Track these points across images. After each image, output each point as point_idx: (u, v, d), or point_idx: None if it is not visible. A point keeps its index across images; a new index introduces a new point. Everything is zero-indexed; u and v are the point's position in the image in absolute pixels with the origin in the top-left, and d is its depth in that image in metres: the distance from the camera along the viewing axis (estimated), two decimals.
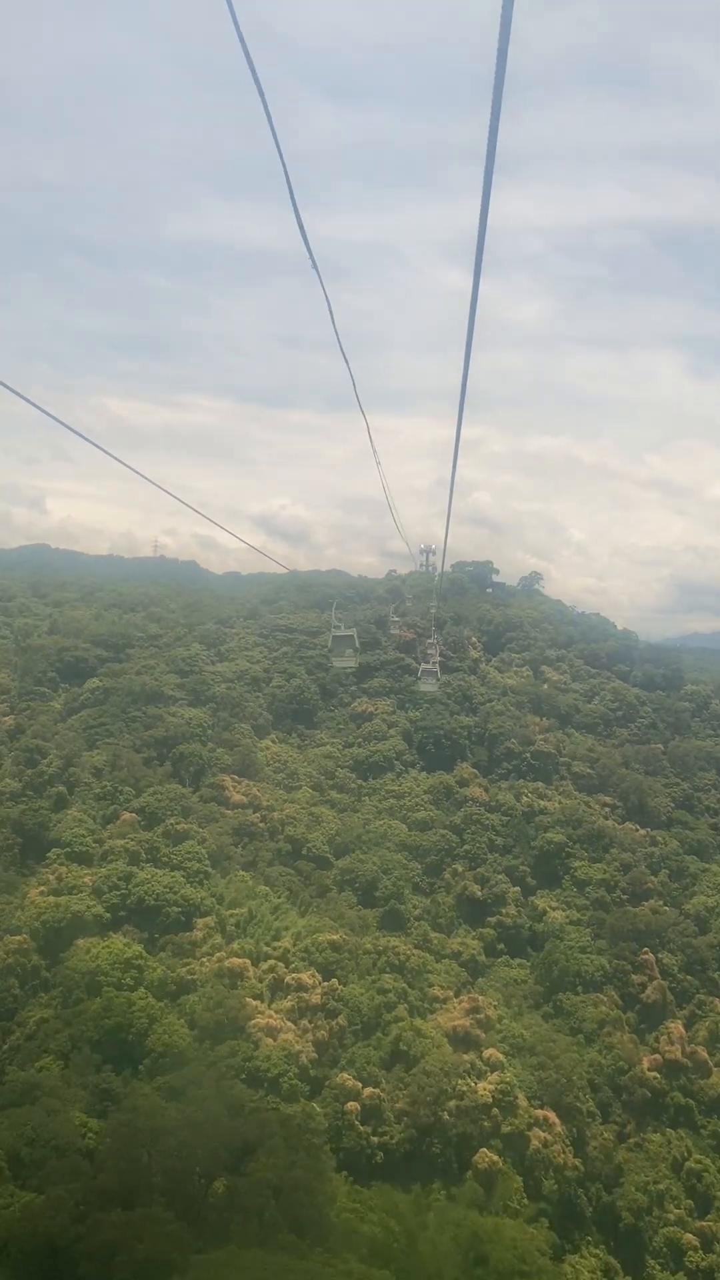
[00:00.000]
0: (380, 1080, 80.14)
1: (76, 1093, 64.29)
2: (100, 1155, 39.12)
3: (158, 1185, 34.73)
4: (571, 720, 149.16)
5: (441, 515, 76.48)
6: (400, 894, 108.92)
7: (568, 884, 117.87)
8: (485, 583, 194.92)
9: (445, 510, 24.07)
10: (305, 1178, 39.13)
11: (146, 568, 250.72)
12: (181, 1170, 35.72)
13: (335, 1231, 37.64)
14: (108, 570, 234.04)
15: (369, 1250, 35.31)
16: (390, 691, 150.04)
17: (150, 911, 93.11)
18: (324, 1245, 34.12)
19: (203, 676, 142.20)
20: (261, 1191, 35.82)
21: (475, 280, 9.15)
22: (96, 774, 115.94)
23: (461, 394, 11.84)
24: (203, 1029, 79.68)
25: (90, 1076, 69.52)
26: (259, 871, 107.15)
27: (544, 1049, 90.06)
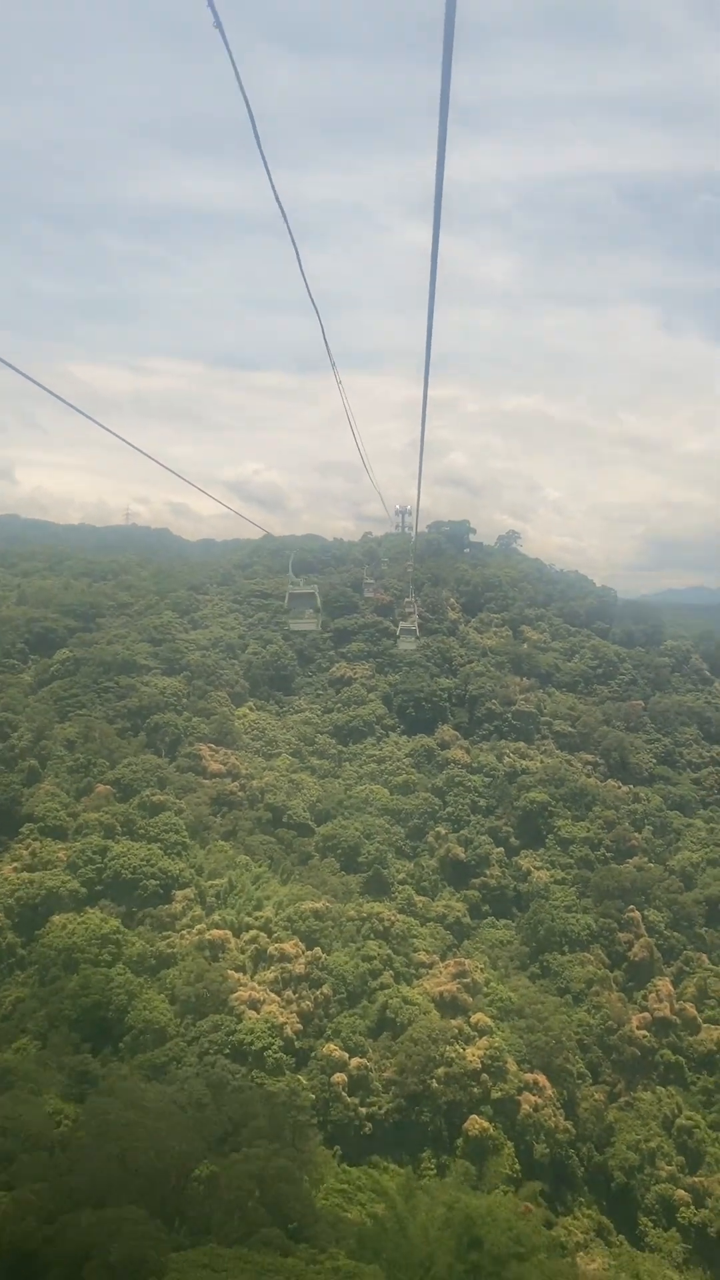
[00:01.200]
0: (367, 1050, 78.66)
1: (53, 1076, 62.14)
2: (72, 1149, 37.10)
3: (133, 1180, 32.73)
4: (552, 679, 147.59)
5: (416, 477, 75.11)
6: (383, 859, 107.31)
7: (551, 843, 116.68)
8: (462, 543, 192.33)
9: (417, 485, 23.22)
10: (289, 1167, 37.26)
11: (119, 536, 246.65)
12: (158, 1164, 33.75)
13: (322, 1221, 35.87)
14: (79, 539, 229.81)
15: (357, 1241, 33.57)
16: (369, 655, 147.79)
17: (127, 885, 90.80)
18: (309, 1238, 32.40)
19: (176, 645, 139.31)
20: (244, 1183, 33.90)
21: (435, 233, 8.84)
22: (69, 746, 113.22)
23: (427, 350, 11.47)
24: (184, 1004, 77.70)
25: (68, 1057, 67.43)
26: (239, 841, 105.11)
27: (532, 1011, 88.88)
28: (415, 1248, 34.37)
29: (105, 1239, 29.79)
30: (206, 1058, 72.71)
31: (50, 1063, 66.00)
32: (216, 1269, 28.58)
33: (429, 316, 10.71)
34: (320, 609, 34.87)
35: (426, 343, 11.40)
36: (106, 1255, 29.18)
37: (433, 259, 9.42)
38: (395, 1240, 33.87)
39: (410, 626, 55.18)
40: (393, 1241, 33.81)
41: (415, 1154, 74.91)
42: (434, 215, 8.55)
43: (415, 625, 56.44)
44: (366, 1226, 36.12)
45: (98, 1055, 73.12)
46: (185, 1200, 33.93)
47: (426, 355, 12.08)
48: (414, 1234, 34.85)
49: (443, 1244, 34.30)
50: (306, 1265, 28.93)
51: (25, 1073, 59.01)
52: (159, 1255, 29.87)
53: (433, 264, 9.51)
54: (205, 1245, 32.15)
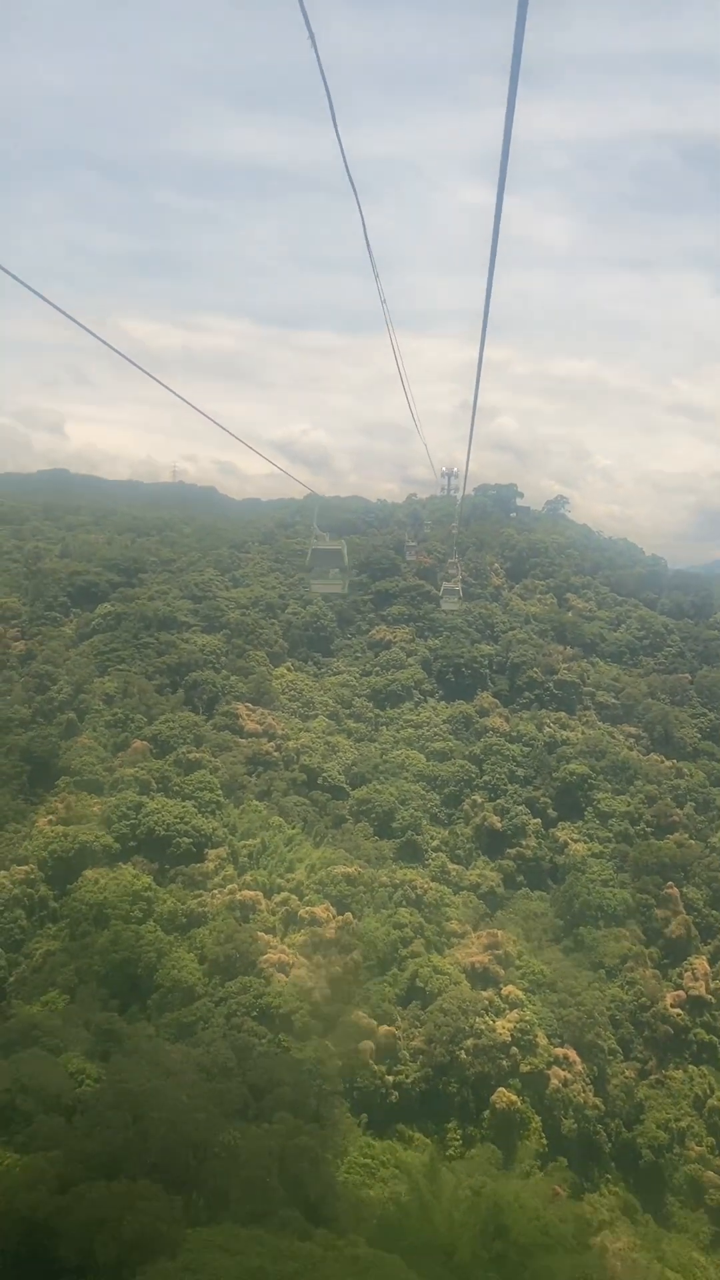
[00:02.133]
0: (396, 1018, 77.82)
1: (78, 1033, 61.91)
2: (90, 1114, 36.36)
3: (150, 1151, 31.87)
4: (596, 649, 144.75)
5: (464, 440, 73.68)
6: (418, 825, 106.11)
7: (590, 816, 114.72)
8: (509, 507, 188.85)
9: (468, 435, 22.12)
10: (311, 1145, 36.26)
11: (165, 493, 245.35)
12: (177, 1134, 32.86)
13: (343, 1201, 34.91)
14: (126, 495, 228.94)
15: (378, 1225, 32.50)
16: (409, 619, 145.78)
17: (160, 842, 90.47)
18: (329, 1220, 31.43)
19: (216, 602, 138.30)
20: (264, 1159, 32.94)
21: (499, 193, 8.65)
22: (107, 701, 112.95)
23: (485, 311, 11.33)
24: (213, 964, 77.34)
25: (94, 1015, 67.17)
26: (273, 801, 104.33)
27: (564, 985, 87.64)
28: (438, 1233, 33.17)
29: (118, 1212, 28.90)
30: (234, 1019, 72.21)
31: (76, 1019, 65.86)
32: (232, 1251, 27.51)
33: (489, 276, 10.59)
34: (347, 568, 31.65)
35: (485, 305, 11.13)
36: (118, 1231, 28.25)
37: (496, 219, 9.20)
38: (417, 1225, 32.69)
39: (454, 587, 54.07)
40: (415, 1227, 32.63)
41: (441, 1124, 74.26)
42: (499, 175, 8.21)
43: (459, 586, 55.39)
44: (388, 1210, 35.05)
45: (125, 1012, 73.05)
46: (203, 1172, 33.04)
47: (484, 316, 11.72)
48: (437, 1219, 33.69)
49: (467, 1230, 33.07)
50: (325, 1251, 27.81)
51: (50, 1028, 58.83)
52: (172, 1231, 28.87)
53: (495, 224, 9.31)
54: (222, 1221, 31.15)
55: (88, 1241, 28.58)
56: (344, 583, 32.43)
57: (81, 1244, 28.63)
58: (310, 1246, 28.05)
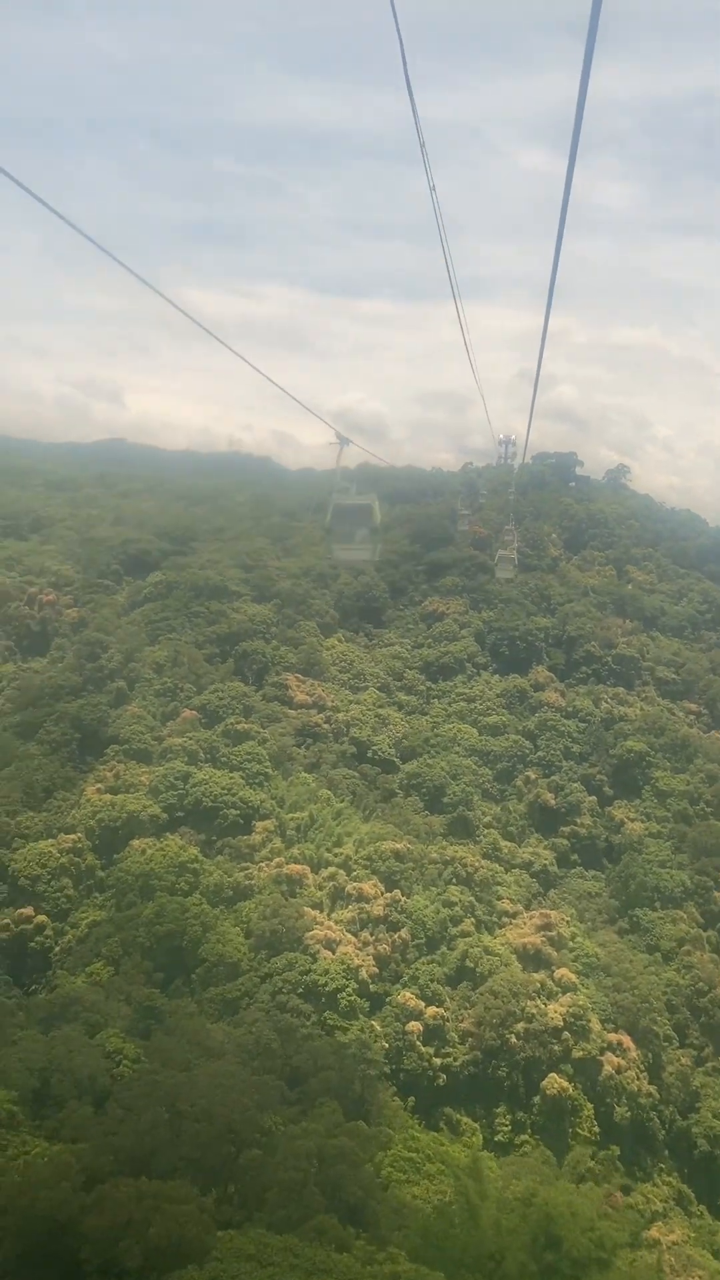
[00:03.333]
0: (444, 999, 75.99)
1: (119, 1008, 60.95)
2: (122, 1102, 34.96)
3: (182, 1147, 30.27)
4: (656, 623, 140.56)
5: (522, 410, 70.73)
6: (469, 800, 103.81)
7: (648, 795, 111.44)
8: (568, 476, 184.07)
9: (526, 404, 20.71)
10: (350, 1148, 34.41)
11: (221, 462, 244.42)
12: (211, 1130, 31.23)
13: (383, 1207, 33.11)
14: (183, 464, 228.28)
15: (420, 1234, 30.63)
16: (463, 590, 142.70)
17: (208, 813, 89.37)
18: (368, 1225, 29.67)
19: (267, 571, 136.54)
20: (301, 1161, 31.18)
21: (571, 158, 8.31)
22: (157, 670, 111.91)
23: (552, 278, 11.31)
24: (258, 938, 75.98)
25: (137, 990, 66.19)
26: (322, 774, 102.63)
27: (619, 969, 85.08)
28: (485, 1240, 31.04)
29: (145, 1214, 27.27)
30: (279, 996, 70.92)
31: (119, 993, 64.88)
32: (263, 1261, 25.72)
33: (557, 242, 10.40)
34: (379, 529, 24.54)
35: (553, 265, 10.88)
36: (144, 1234, 26.60)
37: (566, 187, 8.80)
38: (463, 1234, 30.67)
39: (509, 555, 51.92)
40: (460, 1236, 30.61)
41: (490, 1110, 72.55)
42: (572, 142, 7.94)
43: (514, 554, 53.12)
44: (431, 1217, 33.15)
45: (169, 986, 72.18)
46: (237, 1171, 31.44)
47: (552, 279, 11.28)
48: (484, 1225, 31.61)
49: (516, 1240, 30.91)
50: (363, 1266, 25.91)
51: (91, 1003, 57.86)
52: (201, 1236, 27.15)
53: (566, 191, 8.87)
54: (254, 1225, 29.40)
55: (112, 1244, 27.04)
56: (373, 548, 25.18)
57: (106, 1246, 27.09)
58: (347, 1260, 26.18)
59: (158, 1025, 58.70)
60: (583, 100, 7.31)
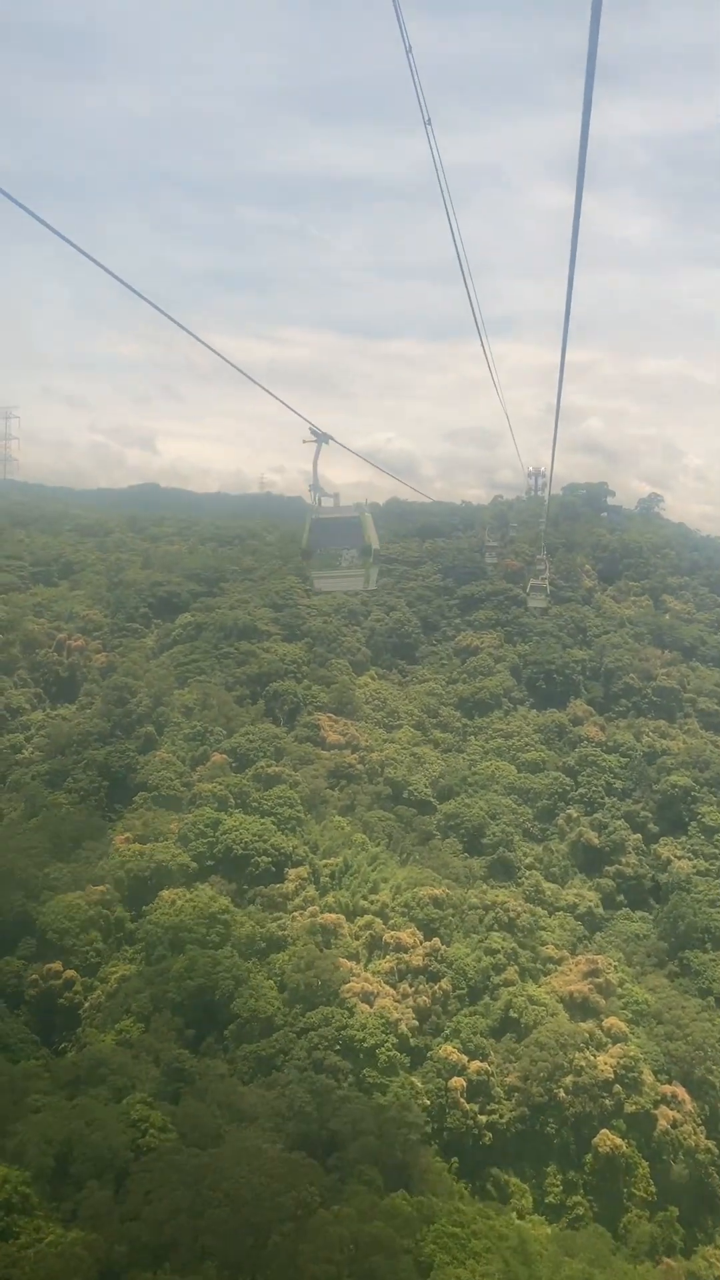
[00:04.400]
0: (488, 1052, 72.54)
1: (148, 1070, 58.37)
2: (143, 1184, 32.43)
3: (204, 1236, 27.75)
4: (696, 653, 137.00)
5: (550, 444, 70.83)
6: (509, 841, 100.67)
7: (694, 831, 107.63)
8: (600, 506, 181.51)
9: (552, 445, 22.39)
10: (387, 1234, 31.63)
11: (252, 504, 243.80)
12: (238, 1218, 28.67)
13: None
14: (214, 507, 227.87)
15: None
16: (497, 624, 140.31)
17: (239, 861, 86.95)
18: None
19: (298, 610, 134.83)
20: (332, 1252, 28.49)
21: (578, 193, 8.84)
22: (186, 713, 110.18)
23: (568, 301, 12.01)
24: (292, 991, 73.17)
25: (166, 1050, 63.51)
26: (356, 816, 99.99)
27: (670, 1016, 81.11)
28: None
29: None
30: (315, 1053, 67.97)
31: (148, 1052, 62.31)
32: None
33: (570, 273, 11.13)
34: (373, 550, 18.81)
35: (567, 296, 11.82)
36: None
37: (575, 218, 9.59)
38: None
39: (541, 584, 50.26)
40: None
41: (540, 1169, 68.89)
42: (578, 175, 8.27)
43: (546, 583, 51.49)
44: None
45: (201, 1044, 69.53)
46: (263, 1260, 28.85)
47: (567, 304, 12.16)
48: None
49: None
50: None
51: (119, 1065, 55.39)
52: None
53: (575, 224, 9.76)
54: None
55: None
56: (366, 574, 19.37)
57: None
58: None
59: (187, 1088, 56.05)
60: (585, 134, 7.55)
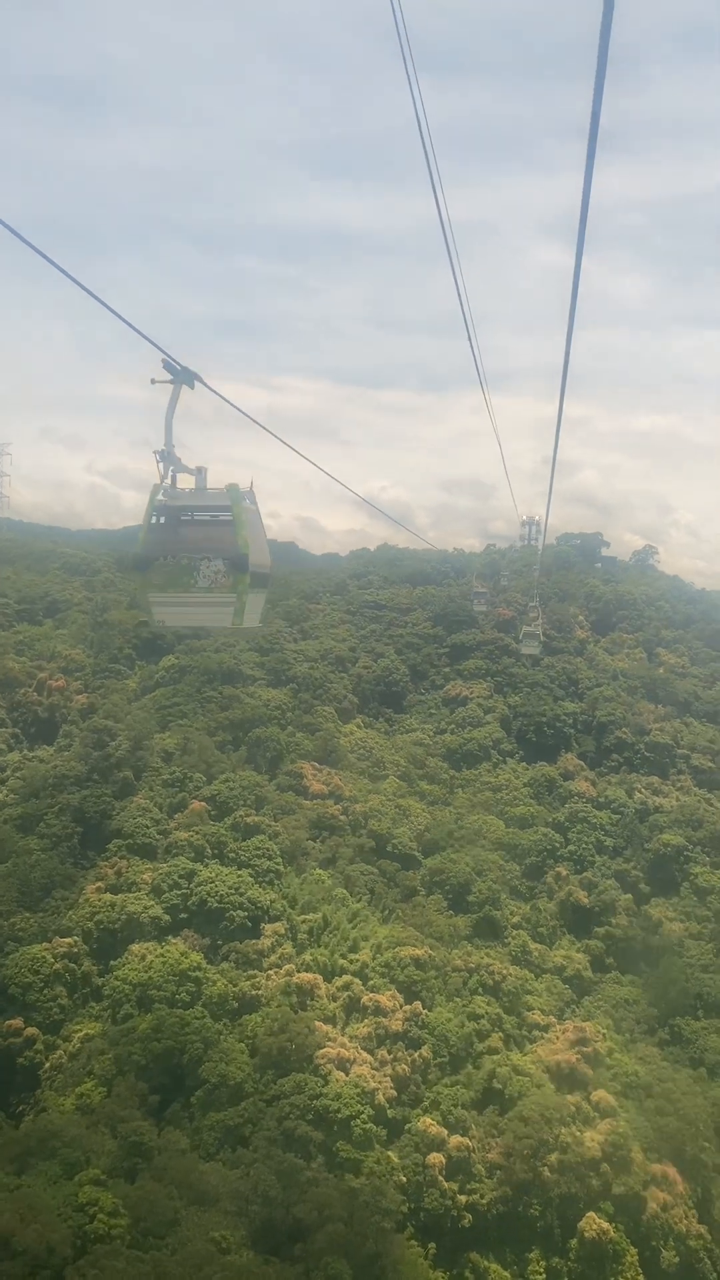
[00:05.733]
0: (469, 1126, 68.57)
1: (103, 1142, 54.46)
2: None
3: None
4: (691, 708, 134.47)
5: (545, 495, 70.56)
6: (496, 899, 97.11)
7: (686, 892, 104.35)
8: (594, 557, 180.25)
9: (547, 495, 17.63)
10: None
11: None
12: None
13: None
14: None
15: None
16: (487, 674, 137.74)
17: (213, 915, 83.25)
18: None
19: (284, 655, 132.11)
20: None
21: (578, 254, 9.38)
22: (166, 758, 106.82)
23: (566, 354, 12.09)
24: (264, 1056, 69.24)
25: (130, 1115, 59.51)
26: (338, 870, 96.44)
27: (661, 1089, 77.17)
28: None
29: None
30: (285, 1123, 64.04)
31: (107, 1121, 58.40)
32: None
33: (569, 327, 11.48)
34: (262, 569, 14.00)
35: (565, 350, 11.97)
36: None
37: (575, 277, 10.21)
38: None
39: (534, 630, 49.09)
40: None
41: (522, 1254, 64.71)
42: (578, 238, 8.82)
43: (539, 629, 50.28)
44: None
45: (166, 1110, 65.61)
46: None
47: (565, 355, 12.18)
48: None
49: None
50: None
51: (73, 1138, 51.60)
52: None
53: (574, 286, 10.47)
54: None
55: None
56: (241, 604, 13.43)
57: None
58: None
59: (145, 1165, 52.19)
60: (587, 197, 8.14)
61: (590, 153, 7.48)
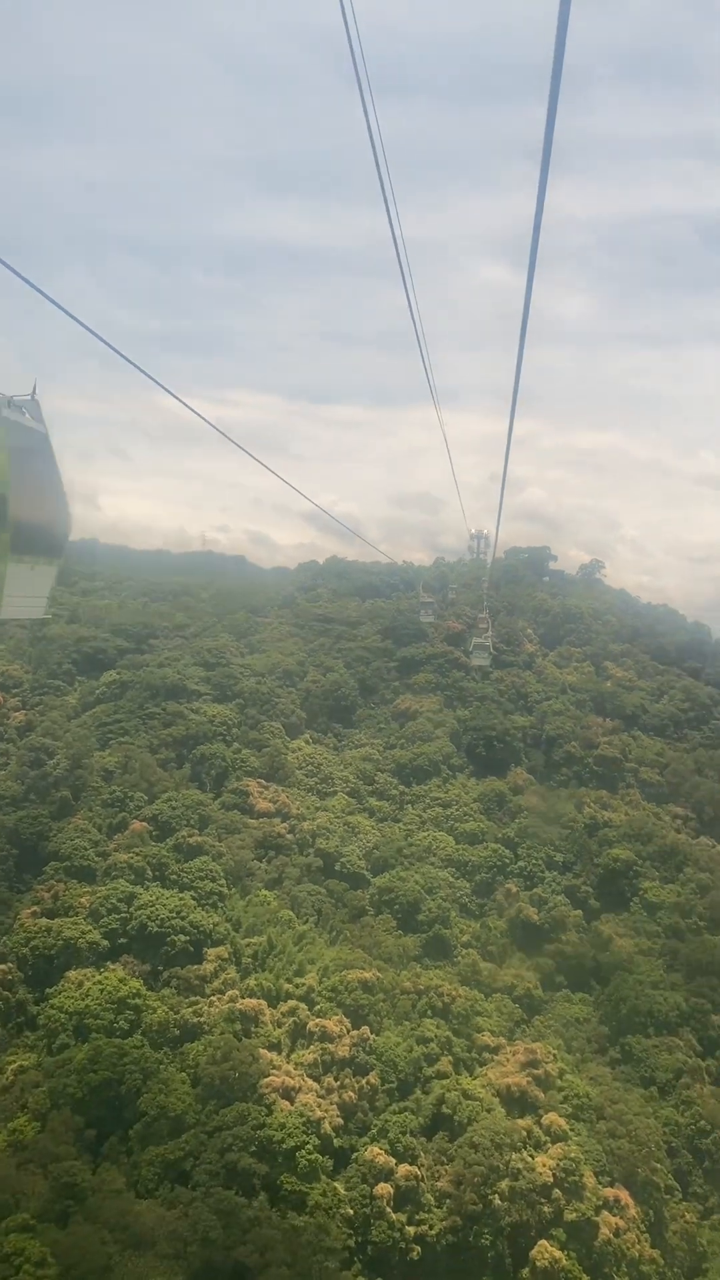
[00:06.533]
0: (418, 1154, 66.66)
1: (34, 1183, 51.76)
2: None
3: None
4: (638, 721, 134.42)
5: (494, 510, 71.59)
6: (445, 917, 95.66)
7: (636, 908, 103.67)
8: (542, 571, 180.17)
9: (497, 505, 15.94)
10: None
11: (193, 562, 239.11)
12: None
13: None
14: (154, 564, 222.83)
15: None
16: (437, 688, 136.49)
17: (154, 939, 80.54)
18: None
19: (230, 669, 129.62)
20: None
21: (530, 273, 9.92)
22: (106, 777, 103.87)
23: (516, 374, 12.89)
24: (206, 1086, 66.73)
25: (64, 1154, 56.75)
26: (284, 890, 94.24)
27: (613, 1110, 76.02)
28: None
29: None
30: (228, 1155, 61.62)
31: (40, 1159, 55.61)
32: None
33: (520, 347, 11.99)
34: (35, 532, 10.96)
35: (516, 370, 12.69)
36: None
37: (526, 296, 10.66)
38: None
39: (484, 642, 48.83)
40: None
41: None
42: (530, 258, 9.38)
43: (489, 641, 50.18)
44: None
45: (103, 1145, 62.79)
46: None
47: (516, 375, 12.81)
48: None
49: None
50: None
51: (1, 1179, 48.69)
52: None
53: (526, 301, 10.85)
54: None
55: None
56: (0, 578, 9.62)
57: None
58: None
59: (78, 1207, 49.59)
60: (539, 215, 8.48)
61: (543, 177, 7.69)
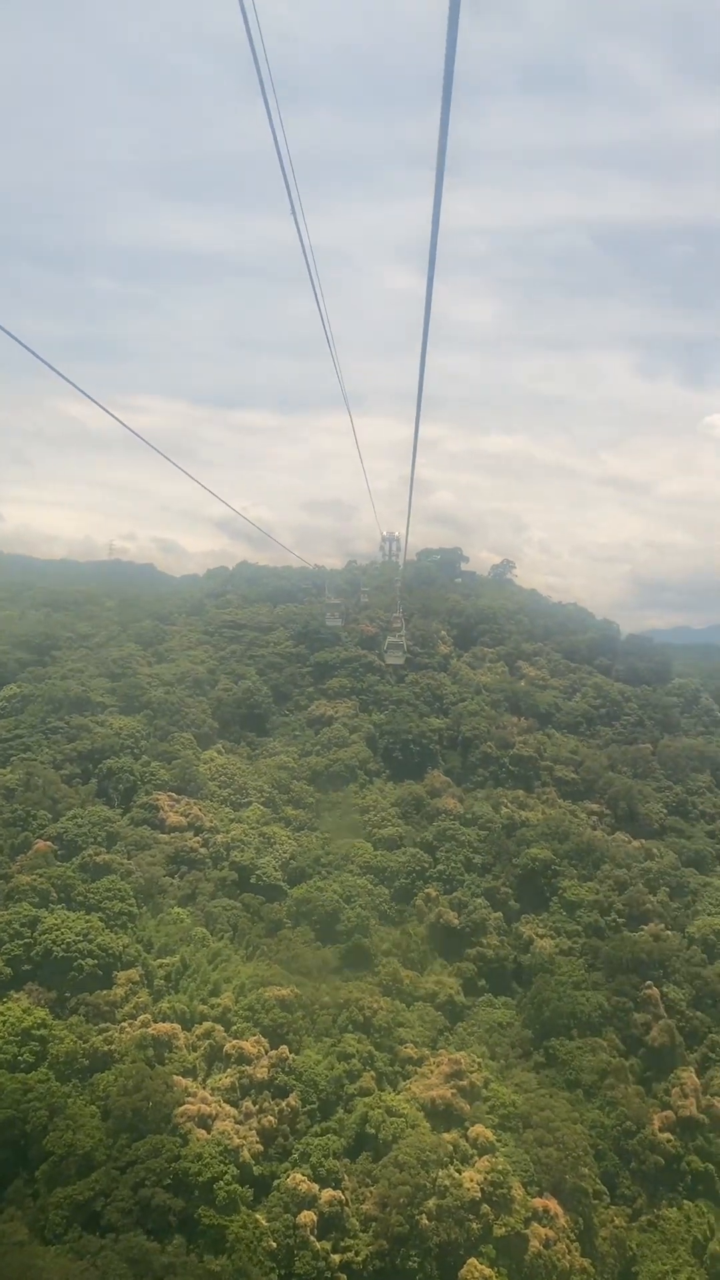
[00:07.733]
0: (342, 1177, 64.36)
1: None
2: None
3: None
4: (552, 720, 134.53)
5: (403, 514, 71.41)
6: (365, 926, 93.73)
7: (556, 907, 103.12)
8: (454, 572, 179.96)
9: (406, 509, 20.12)
10: None
11: (101, 571, 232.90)
12: None
13: None
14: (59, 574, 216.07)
15: None
16: (352, 692, 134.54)
17: (59, 965, 76.52)
18: None
19: (137, 679, 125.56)
20: None
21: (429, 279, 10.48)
22: (7, 795, 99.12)
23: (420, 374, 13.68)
24: (117, 1119, 63.31)
25: None
26: (198, 906, 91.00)
27: (540, 1118, 74.68)
28: None
29: None
30: (141, 1191, 58.52)
31: None
32: None
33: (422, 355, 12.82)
34: None
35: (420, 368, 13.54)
36: None
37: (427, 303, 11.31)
38: None
39: (398, 640, 47.96)
40: None
41: None
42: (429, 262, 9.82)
43: (403, 639, 49.47)
44: None
45: (7, 1189, 59.10)
46: None
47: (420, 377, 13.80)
48: None
49: None
50: None
51: None
52: None
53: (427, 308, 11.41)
54: None
55: None
56: None
57: None
58: None
59: None
60: (436, 222, 8.70)
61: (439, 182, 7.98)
